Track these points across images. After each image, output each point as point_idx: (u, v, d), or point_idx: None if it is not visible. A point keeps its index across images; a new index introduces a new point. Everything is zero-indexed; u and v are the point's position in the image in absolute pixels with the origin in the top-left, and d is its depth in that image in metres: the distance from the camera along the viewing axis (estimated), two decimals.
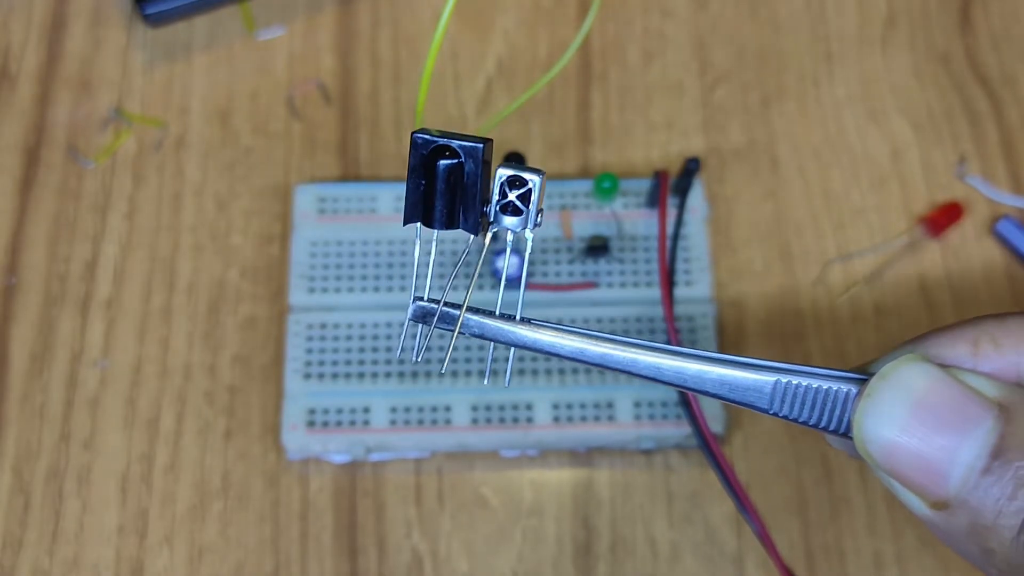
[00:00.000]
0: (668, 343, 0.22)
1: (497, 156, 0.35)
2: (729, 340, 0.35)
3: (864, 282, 0.36)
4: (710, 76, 0.39)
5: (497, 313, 0.21)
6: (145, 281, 0.36)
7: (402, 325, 0.34)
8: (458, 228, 0.21)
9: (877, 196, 0.37)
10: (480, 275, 0.35)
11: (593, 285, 0.35)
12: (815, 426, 0.20)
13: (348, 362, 0.34)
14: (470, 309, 0.21)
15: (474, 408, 0.33)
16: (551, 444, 0.33)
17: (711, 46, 0.40)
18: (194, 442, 0.34)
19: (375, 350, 0.34)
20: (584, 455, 0.34)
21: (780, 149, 0.38)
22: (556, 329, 0.21)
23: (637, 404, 0.33)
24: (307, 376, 0.34)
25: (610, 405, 0.33)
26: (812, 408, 0.20)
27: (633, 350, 0.21)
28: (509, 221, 0.20)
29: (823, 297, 0.36)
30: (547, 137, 0.38)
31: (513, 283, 0.34)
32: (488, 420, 0.33)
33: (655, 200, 0.35)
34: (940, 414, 0.18)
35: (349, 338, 0.34)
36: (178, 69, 0.39)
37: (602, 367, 0.21)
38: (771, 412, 0.20)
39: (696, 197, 0.36)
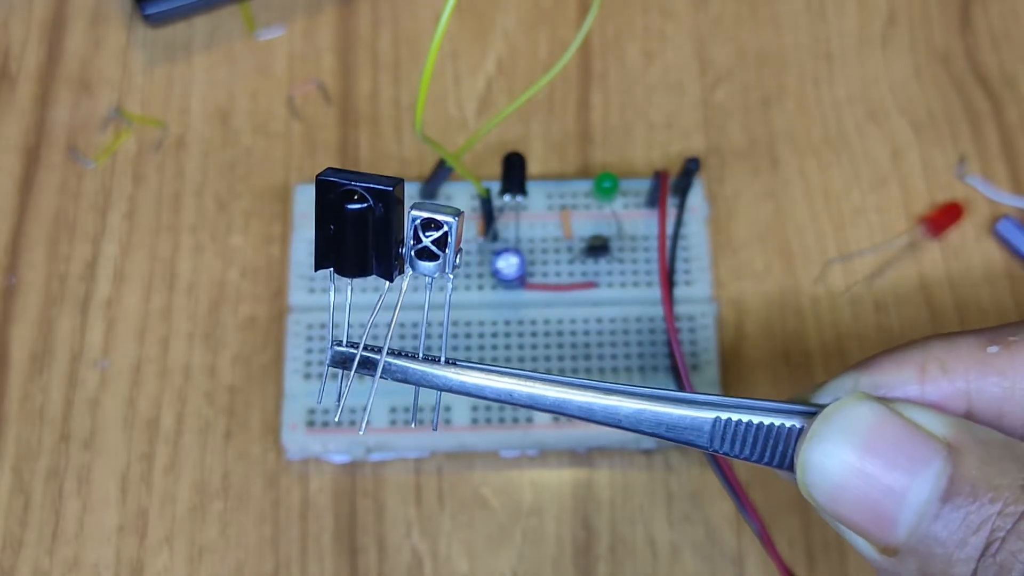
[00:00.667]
0: (620, 385, 0.21)
1: (498, 156, 0.35)
2: (729, 340, 0.35)
3: (864, 282, 0.36)
4: (710, 76, 0.39)
5: (420, 356, 0.20)
6: (145, 281, 0.36)
7: (402, 325, 0.34)
8: (371, 274, 0.20)
9: (877, 196, 0.37)
10: (480, 275, 0.35)
11: (593, 285, 0.35)
12: (758, 462, 0.20)
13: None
14: (392, 352, 0.20)
15: (474, 408, 0.33)
16: (551, 444, 0.33)
17: (711, 46, 0.40)
18: (194, 442, 0.34)
19: (375, 350, 0.34)
20: (584, 455, 0.34)
21: (780, 149, 0.38)
22: (483, 370, 0.20)
23: None
24: (307, 376, 0.34)
25: None
26: (754, 446, 0.20)
27: (565, 390, 0.20)
28: (426, 266, 0.19)
29: (823, 297, 0.36)
30: (547, 137, 0.38)
31: (513, 284, 0.34)
32: (488, 420, 0.33)
33: (655, 200, 0.35)
34: (887, 455, 0.18)
35: (349, 338, 0.34)
36: (178, 69, 0.39)
37: (532, 408, 0.20)
38: (711, 450, 0.20)
39: (696, 197, 0.36)
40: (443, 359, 0.20)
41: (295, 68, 0.39)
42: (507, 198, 0.35)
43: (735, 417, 0.19)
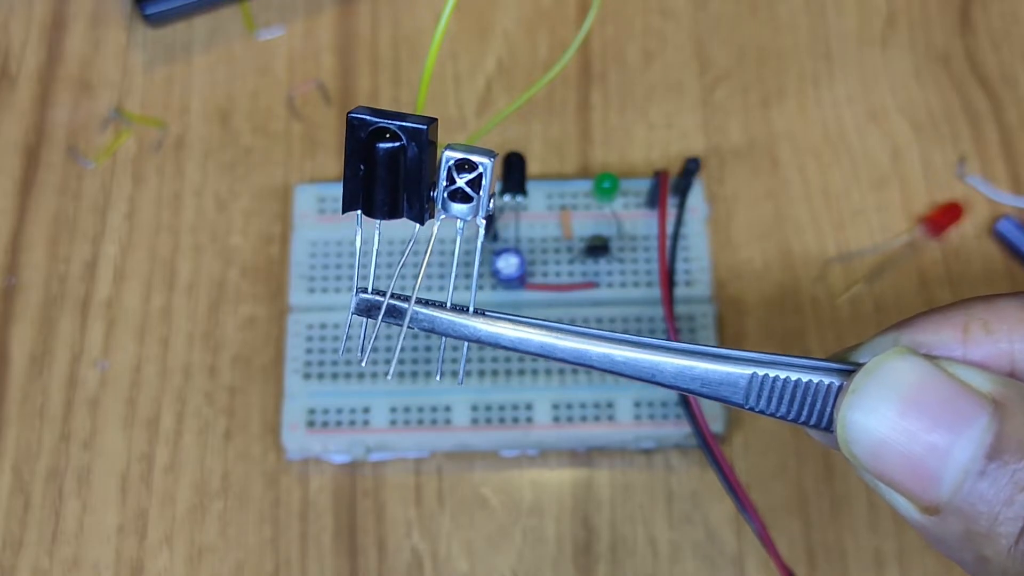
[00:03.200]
0: (654, 336, 0.20)
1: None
2: (729, 340, 0.35)
3: (864, 282, 0.36)
4: (710, 76, 0.39)
5: (448, 305, 0.20)
6: (145, 281, 0.36)
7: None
8: (402, 217, 0.19)
9: (877, 196, 0.37)
10: (480, 275, 0.35)
11: (593, 285, 0.35)
12: (795, 421, 0.19)
13: (348, 362, 0.34)
14: (419, 301, 0.20)
15: (474, 408, 0.33)
16: (551, 444, 0.33)
17: (711, 46, 0.40)
18: (194, 442, 0.34)
19: (375, 350, 0.34)
20: (584, 455, 0.34)
21: (780, 149, 0.38)
22: (513, 321, 0.20)
23: (637, 404, 0.33)
24: (307, 376, 0.34)
25: (610, 405, 0.33)
26: (791, 403, 0.19)
27: (600, 344, 0.19)
28: (458, 209, 0.19)
29: (823, 297, 0.36)
30: (547, 137, 0.38)
31: (514, 283, 0.34)
32: (488, 420, 0.33)
33: (655, 200, 0.35)
34: (931, 412, 0.17)
35: (350, 338, 0.34)
36: (178, 69, 0.39)
37: (563, 361, 0.20)
38: (747, 407, 0.19)
39: (696, 197, 0.36)
40: (472, 309, 0.20)
41: (295, 68, 0.39)
42: (507, 198, 0.35)
43: (772, 373, 0.19)
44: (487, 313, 0.20)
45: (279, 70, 0.39)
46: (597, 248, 0.35)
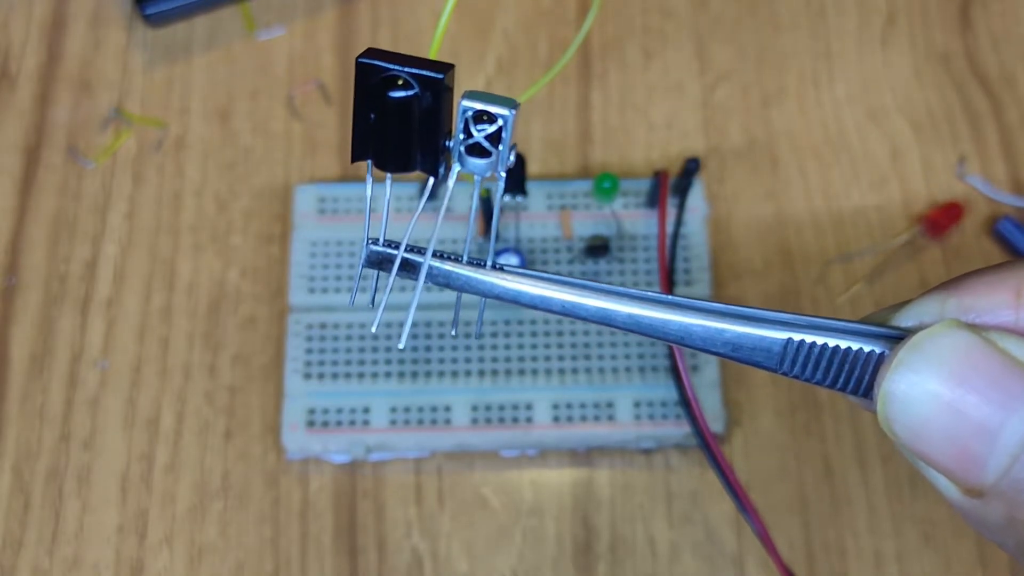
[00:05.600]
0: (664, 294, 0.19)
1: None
2: None
3: (864, 282, 0.36)
4: (710, 76, 0.39)
5: (465, 260, 0.19)
6: (145, 281, 0.36)
7: (402, 325, 0.34)
8: (415, 170, 0.18)
9: (877, 196, 0.37)
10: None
11: None
12: (831, 387, 0.18)
13: (348, 362, 0.34)
14: (435, 255, 0.18)
15: (474, 408, 0.33)
16: (551, 444, 0.33)
17: (711, 46, 0.40)
18: (194, 442, 0.34)
19: (375, 350, 0.34)
20: (584, 455, 0.34)
21: (780, 149, 0.38)
22: (533, 277, 0.19)
23: (637, 404, 0.33)
24: (307, 376, 0.34)
25: (610, 405, 0.33)
26: (828, 369, 0.18)
27: (630, 303, 0.18)
28: (475, 164, 0.17)
29: (823, 297, 0.36)
30: (547, 137, 0.38)
31: None
32: (488, 420, 0.33)
33: (655, 200, 0.35)
34: (980, 390, 0.16)
35: (349, 338, 0.34)
36: (178, 69, 0.39)
37: (590, 322, 0.18)
38: (781, 372, 0.18)
39: (696, 197, 0.36)
40: (490, 263, 0.19)
41: (295, 68, 0.39)
42: (507, 198, 0.35)
43: (809, 339, 0.18)
44: (506, 268, 0.19)
45: (279, 70, 0.39)
46: (597, 248, 0.35)
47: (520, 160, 0.35)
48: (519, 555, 0.33)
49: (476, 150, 0.17)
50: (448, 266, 0.18)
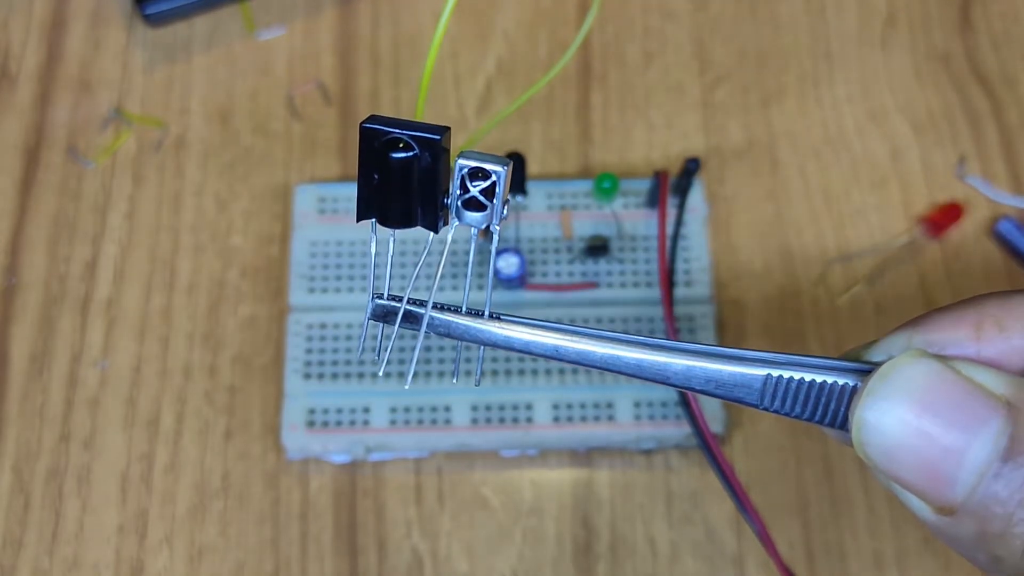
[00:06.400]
0: (660, 336, 0.21)
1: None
2: (729, 340, 0.35)
3: (864, 282, 0.36)
4: (710, 76, 0.39)
5: (464, 310, 0.20)
6: (145, 281, 0.36)
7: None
8: (416, 225, 0.19)
9: (877, 196, 0.37)
10: (480, 275, 0.35)
11: (593, 285, 0.35)
12: (809, 420, 0.19)
13: (348, 362, 0.34)
14: (435, 306, 0.20)
15: (474, 408, 0.33)
16: (551, 444, 0.33)
17: (711, 46, 0.40)
18: (194, 442, 0.34)
19: (375, 350, 0.34)
20: (584, 455, 0.34)
21: (780, 149, 0.38)
22: (529, 325, 0.20)
23: (637, 404, 0.33)
24: (307, 376, 0.34)
25: (610, 405, 0.33)
26: (806, 403, 0.19)
27: (611, 345, 0.20)
28: (472, 217, 0.19)
29: (823, 297, 0.36)
30: (547, 137, 0.38)
31: (513, 284, 0.34)
32: (488, 420, 0.33)
33: (655, 200, 0.35)
34: (945, 414, 0.17)
35: (349, 338, 0.34)
36: (178, 69, 0.39)
37: (579, 364, 0.20)
38: (762, 407, 0.19)
39: (696, 197, 0.36)
40: (487, 313, 0.20)
41: (295, 68, 0.39)
42: (507, 198, 0.35)
43: (787, 374, 0.19)
44: (502, 317, 0.20)
45: (279, 70, 0.39)
46: (597, 248, 0.35)
47: (520, 160, 0.35)
48: (519, 555, 0.33)
49: (472, 205, 0.19)
50: (448, 316, 0.20)
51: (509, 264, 0.34)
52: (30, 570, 0.33)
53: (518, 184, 0.35)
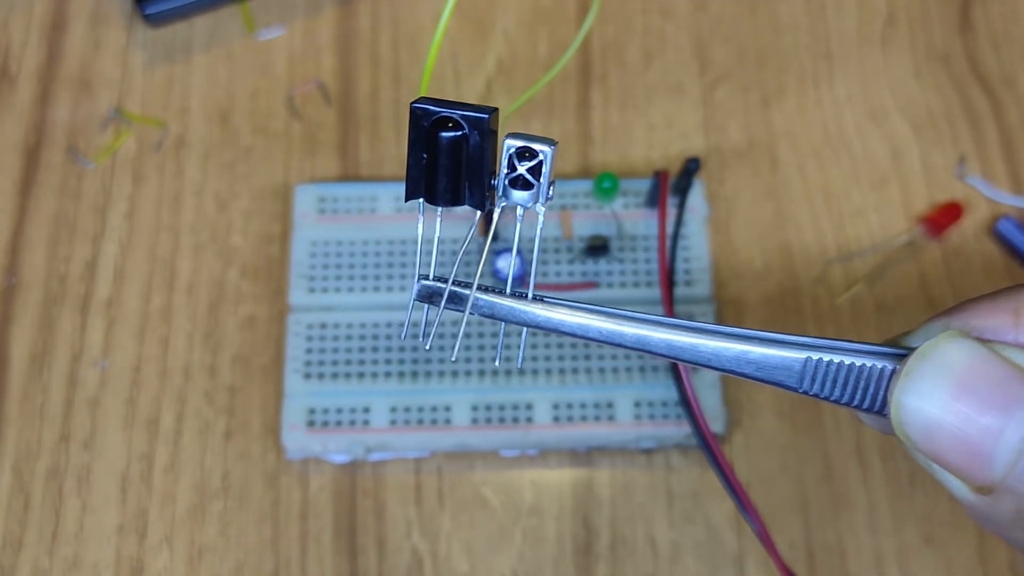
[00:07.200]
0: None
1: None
2: None
3: (864, 282, 0.36)
4: (710, 76, 0.39)
5: (508, 291, 0.20)
6: (145, 281, 0.36)
7: (402, 325, 0.34)
8: (463, 204, 0.20)
9: (877, 196, 0.37)
10: (480, 275, 0.35)
11: (593, 285, 0.35)
12: (847, 404, 0.19)
13: (348, 362, 0.34)
14: (480, 288, 0.20)
15: (474, 408, 0.33)
16: (551, 444, 0.33)
17: (711, 46, 0.40)
18: (194, 442, 0.34)
19: (375, 350, 0.34)
20: (584, 455, 0.34)
21: (780, 149, 0.38)
22: (571, 307, 0.20)
23: (637, 404, 0.33)
24: (307, 376, 0.34)
25: (610, 405, 0.33)
26: (844, 386, 0.19)
27: (651, 328, 0.20)
28: (519, 196, 0.19)
29: (824, 297, 0.36)
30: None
31: (515, 284, 0.34)
32: (488, 420, 0.33)
33: (655, 200, 0.35)
34: (984, 393, 0.17)
35: (349, 338, 0.34)
36: (178, 69, 0.39)
37: (617, 346, 0.20)
38: (801, 391, 0.19)
39: (696, 197, 0.36)
40: (531, 295, 0.20)
41: (295, 68, 0.39)
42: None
43: (827, 358, 0.19)
44: (546, 299, 0.20)
45: (279, 70, 0.39)
46: (597, 248, 0.35)
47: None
48: (519, 555, 0.33)
49: (519, 183, 0.19)
50: (492, 297, 0.20)
51: (509, 264, 0.34)
52: (30, 570, 0.33)
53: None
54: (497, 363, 0.23)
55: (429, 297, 0.20)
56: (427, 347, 0.21)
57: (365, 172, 0.38)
